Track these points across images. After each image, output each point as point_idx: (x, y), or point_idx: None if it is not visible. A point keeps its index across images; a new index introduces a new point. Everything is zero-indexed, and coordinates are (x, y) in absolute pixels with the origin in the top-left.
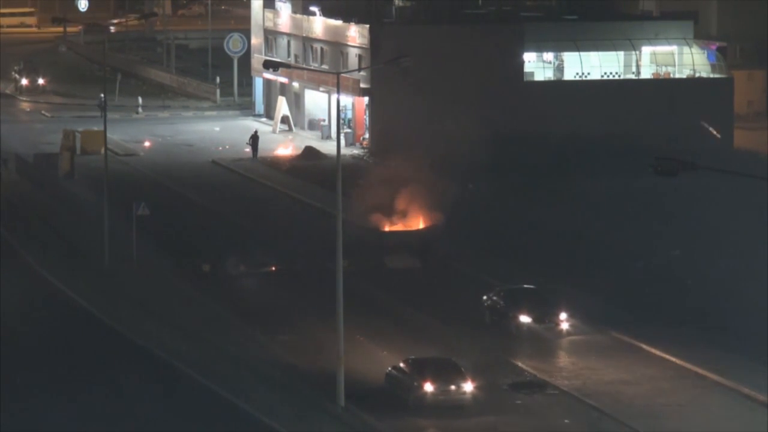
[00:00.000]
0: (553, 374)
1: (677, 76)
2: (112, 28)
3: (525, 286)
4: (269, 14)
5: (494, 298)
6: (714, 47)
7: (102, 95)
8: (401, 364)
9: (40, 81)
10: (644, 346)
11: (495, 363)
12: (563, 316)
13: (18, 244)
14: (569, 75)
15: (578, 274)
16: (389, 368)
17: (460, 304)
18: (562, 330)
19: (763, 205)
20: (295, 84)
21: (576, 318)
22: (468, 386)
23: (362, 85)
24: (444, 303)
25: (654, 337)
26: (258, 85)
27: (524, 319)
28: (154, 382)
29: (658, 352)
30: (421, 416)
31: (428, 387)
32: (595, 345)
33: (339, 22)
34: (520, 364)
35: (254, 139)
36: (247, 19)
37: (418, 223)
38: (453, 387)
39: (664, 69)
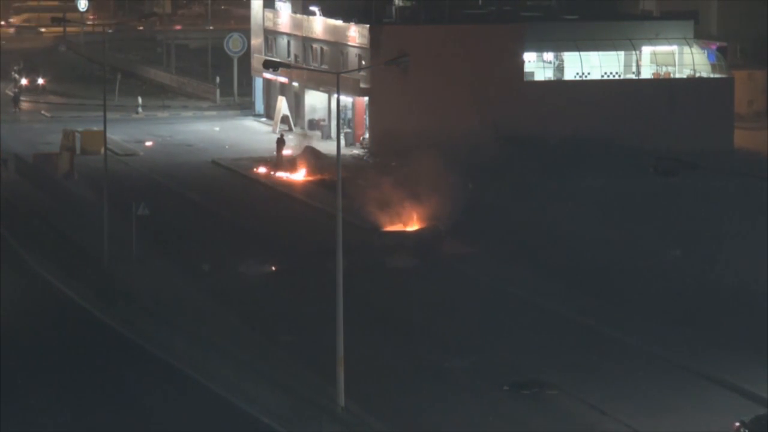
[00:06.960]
0: None
1: (677, 76)
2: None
3: None
4: (269, 14)
5: (751, 428)
6: (714, 47)
7: (16, 89)
8: None
9: (40, 81)
10: None
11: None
12: None
13: (18, 244)
14: (569, 75)
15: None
16: None
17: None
18: None
19: (763, 205)
20: (295, 84)
21: None
22: None
23: (362, 85)
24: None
25: None
26: (258, 85)
27: None
28: (154, 382)
29: None
30: None
31: None
32: None
33: (339, 22)
34: None
35: (280, 143)
36: (247, 19)
37: (418, 223)
38: None
39: (664, 69)
